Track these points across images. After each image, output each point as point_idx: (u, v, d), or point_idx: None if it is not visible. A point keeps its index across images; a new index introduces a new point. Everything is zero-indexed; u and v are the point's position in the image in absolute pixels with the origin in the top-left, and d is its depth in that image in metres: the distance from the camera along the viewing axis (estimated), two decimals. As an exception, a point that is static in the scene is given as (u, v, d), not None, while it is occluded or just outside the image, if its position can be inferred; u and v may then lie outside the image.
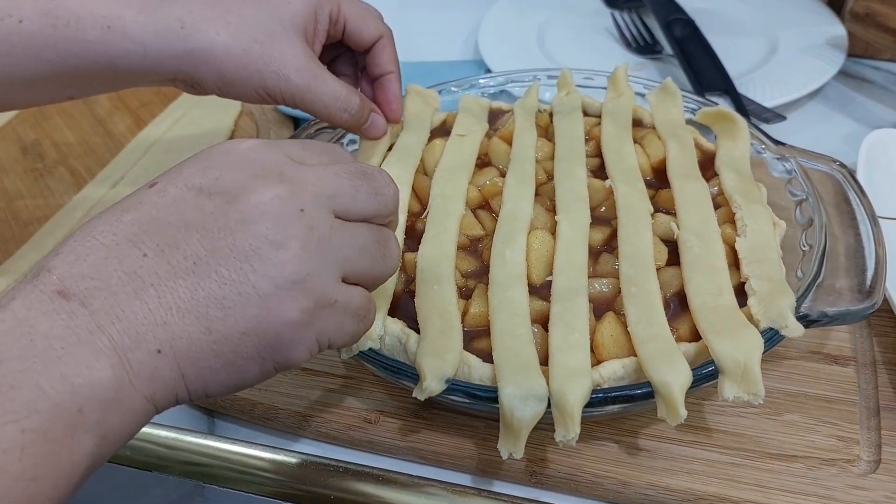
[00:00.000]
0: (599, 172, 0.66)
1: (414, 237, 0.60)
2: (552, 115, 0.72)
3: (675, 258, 0.57)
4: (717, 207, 0.61)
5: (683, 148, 0.66)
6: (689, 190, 0.61)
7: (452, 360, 0.49)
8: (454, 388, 0.49)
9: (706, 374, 0.48)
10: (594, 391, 0.47)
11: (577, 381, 0.47)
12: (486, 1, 1.07)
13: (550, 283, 0.55)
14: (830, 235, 0.59)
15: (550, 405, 0.46)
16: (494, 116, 0.74)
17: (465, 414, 0.56)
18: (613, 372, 0.49)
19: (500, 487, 0.53)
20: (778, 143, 0.68)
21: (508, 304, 0.53)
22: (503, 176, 0.65)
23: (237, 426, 0.59)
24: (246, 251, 0.37)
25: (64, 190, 0.81)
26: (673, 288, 0.55)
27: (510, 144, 0.68)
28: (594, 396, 0.47)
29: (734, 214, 0.60)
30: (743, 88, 0.86)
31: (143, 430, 0.37)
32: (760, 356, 0.48)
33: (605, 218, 0.61)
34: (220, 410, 0.60)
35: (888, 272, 0.56)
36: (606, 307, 0.54)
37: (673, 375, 0.47)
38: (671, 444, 0.54)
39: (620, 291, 0.54)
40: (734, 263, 0.56)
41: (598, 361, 0.50)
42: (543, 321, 0.52)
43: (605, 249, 0.59)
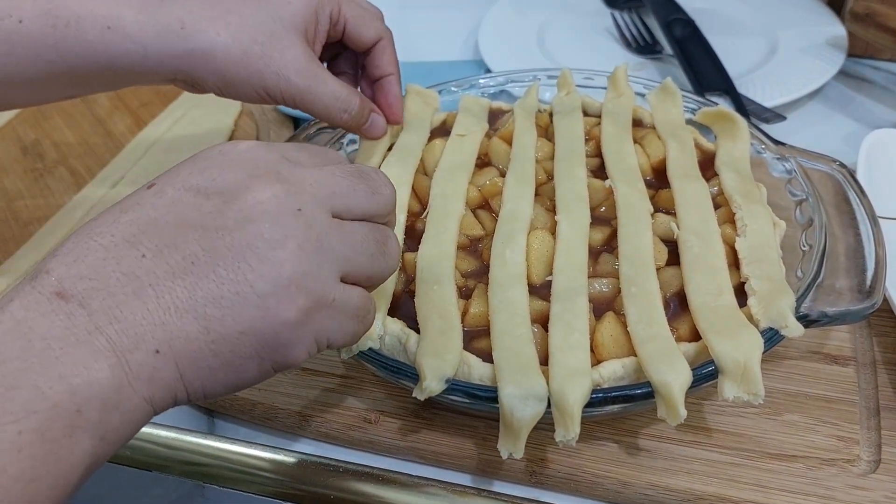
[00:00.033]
0: (599, 172, 0.66)
1: (414, 237, 0.60)
2: (552, 115, 0.72)
3: (675, 258, 0.57)
4: (717, 207, 0.61)
5: (683, 148, 0.66)
6: (689, 190, 0.61)
7: (452, 359, 0.49)
8: (454, 388, 0.49)
9: (706, 374, 0.48)
10: (594, 391, 0.47)
11: (577, 381, 0.47)
12: (486, 1, 1.07)
13: (550, 282, 0.55)
14: (830, 235, 0.58)
15: (550, 405, 0.46)
16: (494, 116, 0.74)
17: (465, 414, 0.56)
18: (613, 372, 0.49)
19: (500, 487, 0.53)
20: (778, 143, 0.68)
21: (508, 303, 0.53)
22: (503, 176, 0.65)
23: (237, 426, 0.59)
24: (244, 251, 0.37)
25: (64, 190, 0.81)
26: (673, 288, 0.55)
27: (510, 144, 0.68)
28: (594, 396, 0.47)
29: (734, 214, 0.59)
30: (743, 88, 0.86)
31: (143, 430, 0.37)
32: (760, 356, 0.48)
33: (605, 218, 0.61)
34: (219, 410, 0.60)
35: (888, 272, 0.56)
36: (606, 307, 0.54)
37: (673, 375, 0.47)
38: (671, 444, 0.54)
39: (620, 291, 0.54)
40: (734, 263, 0.56)
41: (598, 361, 0.50)
42: (543, 321, 0.52)
43: (605, 249, 0.59)
